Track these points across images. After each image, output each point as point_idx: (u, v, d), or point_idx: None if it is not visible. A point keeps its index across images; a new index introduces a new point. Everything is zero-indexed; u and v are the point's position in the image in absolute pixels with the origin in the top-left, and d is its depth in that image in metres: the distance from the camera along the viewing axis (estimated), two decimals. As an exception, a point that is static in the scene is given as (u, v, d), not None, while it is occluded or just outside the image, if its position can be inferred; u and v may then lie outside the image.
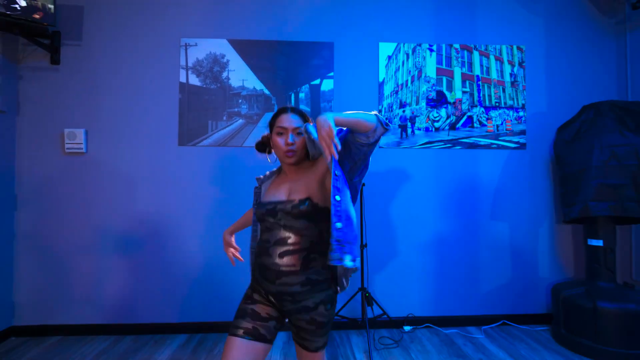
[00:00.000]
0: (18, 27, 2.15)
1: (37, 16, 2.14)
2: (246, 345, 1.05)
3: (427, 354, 2.14)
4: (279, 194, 1.15)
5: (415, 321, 2.53)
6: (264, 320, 1.10)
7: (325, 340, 1.13)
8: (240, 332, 1.07)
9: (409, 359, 2.07)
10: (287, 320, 1.16)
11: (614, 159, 2.15)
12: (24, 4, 2.10)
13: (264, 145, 1.30)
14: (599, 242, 2.22)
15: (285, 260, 1.06)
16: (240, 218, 1.43)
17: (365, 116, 1.01)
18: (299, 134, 1.17)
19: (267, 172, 1.32)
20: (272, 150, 1.26)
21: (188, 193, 2.47)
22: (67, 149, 2.41)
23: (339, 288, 1.14)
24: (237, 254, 1.39)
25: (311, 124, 1.13)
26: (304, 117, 1.21)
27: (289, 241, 1.07)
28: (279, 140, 1.16)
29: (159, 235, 2.45)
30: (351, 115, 1.01)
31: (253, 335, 1.07)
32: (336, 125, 0.97)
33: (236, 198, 2.46)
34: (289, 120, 1.16)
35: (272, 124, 1.22)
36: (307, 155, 1.20)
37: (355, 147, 1.06)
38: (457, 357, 2.09)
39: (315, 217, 1.09)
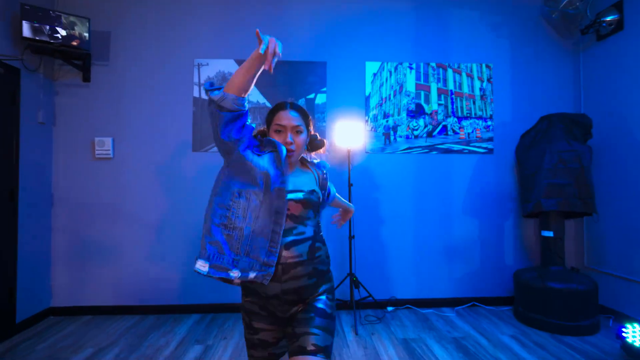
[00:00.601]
0: (59, 53, 2.55)
1: (74, 43, 2.54)
2: None
3: (404, 327, 2.54)
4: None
5: (397, 303, 2.92)
6: (274, 345, 1.10)
7: (327, 343, 1.00)
8: None
9: (389, 332, 2.46)
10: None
11: (561, 162, 2.55)
12: (64, 33, 2.49)
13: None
14: (550, 233, 2.62)
15: (292, 251, 1.01)
16: None
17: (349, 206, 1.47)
18: (298, 132, 1.11)
19: (264, 139, 1.15)
20: None
21: (201, 191, 2.86)
22: (97, 154, 2.80)
23: None
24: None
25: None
26: (303, 113, 1.14)
27: (294, 232, 1.03)
28: (277, 138, 1.10)
29: (176, 229, 2.84)
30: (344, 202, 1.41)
31: (270, 359, 1.11)
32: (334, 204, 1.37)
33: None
34: (288, 118, 1.09)
35: (269, 120, 1.14)
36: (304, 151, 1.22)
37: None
38: (430, 330, 2.49)
39: (318, 208, 1.13)
